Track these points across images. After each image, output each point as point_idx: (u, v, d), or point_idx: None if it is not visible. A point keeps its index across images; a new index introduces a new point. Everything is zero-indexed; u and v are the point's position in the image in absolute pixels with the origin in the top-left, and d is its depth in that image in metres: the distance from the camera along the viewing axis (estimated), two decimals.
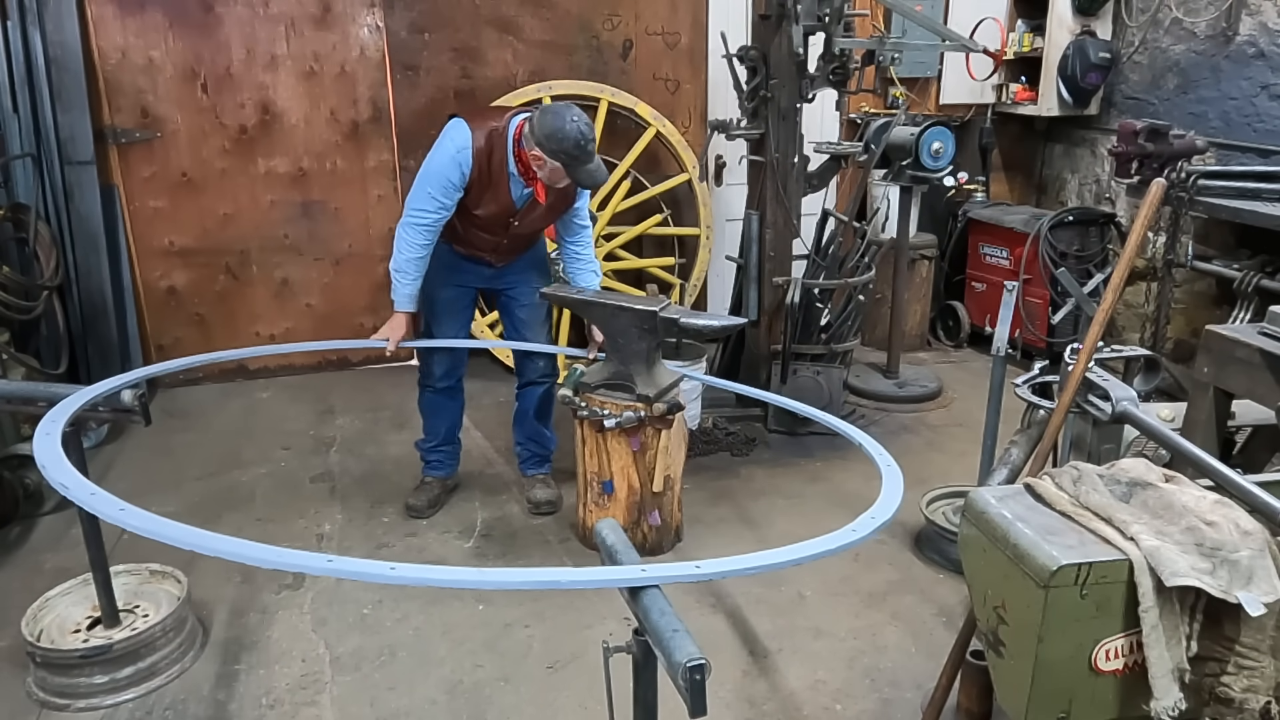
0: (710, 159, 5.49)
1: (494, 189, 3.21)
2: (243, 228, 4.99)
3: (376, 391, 4.97)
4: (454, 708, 2.63)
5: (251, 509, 3.75)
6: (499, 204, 3.25)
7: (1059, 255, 5.14)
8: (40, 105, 4.28)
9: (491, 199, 3.23)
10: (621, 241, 5.23)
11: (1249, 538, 1.71)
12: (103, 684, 2.63)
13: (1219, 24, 4.78)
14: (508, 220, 3.32)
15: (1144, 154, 4.53)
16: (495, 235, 3.38)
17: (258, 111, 4.87)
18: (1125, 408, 2.27)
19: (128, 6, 4.56)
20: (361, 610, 3.08)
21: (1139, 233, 2.31)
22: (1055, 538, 1.75)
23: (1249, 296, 4.21)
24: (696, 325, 3.27)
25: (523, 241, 3.49)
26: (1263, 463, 2.61)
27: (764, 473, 4.07)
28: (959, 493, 3.47)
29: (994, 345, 2.98)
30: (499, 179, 3.19)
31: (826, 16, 4.05)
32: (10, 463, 3.62)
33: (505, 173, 3.19)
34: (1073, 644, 1.72)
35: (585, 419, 3.29)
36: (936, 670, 2.51)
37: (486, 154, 3.16)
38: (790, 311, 4.24)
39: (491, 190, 3.21)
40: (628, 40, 5.32)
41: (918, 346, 5.72)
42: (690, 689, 1.33)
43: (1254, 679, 1.74)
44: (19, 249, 4.19)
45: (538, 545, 3.48)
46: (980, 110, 5.93)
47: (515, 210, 3.29)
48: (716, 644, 2.87)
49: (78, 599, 2.85)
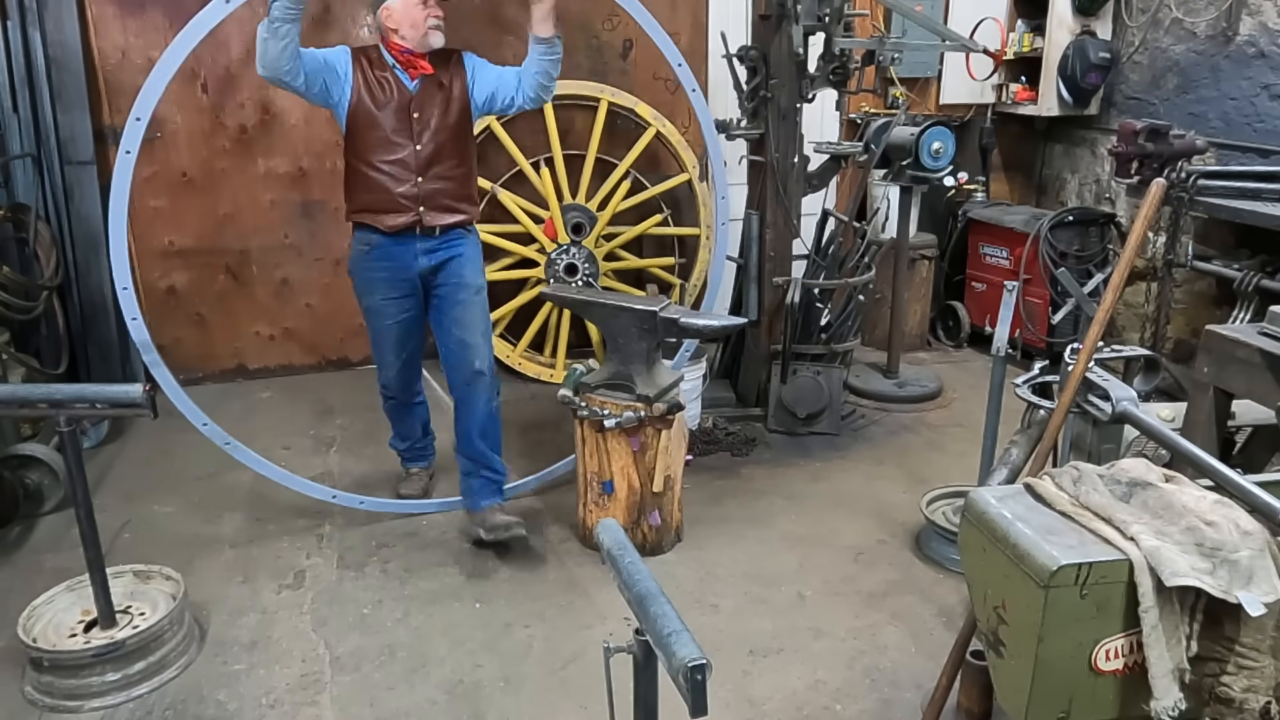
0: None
1: (384, 85, 3.18)
2: (243, 228, 4.99)
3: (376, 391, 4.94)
4: (454, 708, 2.63)
5: (251, 509, 3.75)
6: (392, 95, 3.18)
7: (1059, 255, 5.14)
8: (40, 105, 4.28)
9: (383, 93, 3.17)
10: (621, 241, 5.23)
11: (1249, 538, 1.71)
12: (115, 681, 2.64)
13: (1219, 24, 4.78)
14: (409, 119, 3.18)
15: (1144, 154, 4.53)
16: (404, 155, 3.19)
17: (258, 111, 4.87)
18: (1125, 408, 2.27)
19: (128, 6, 4.56)
20: (361, 610, 3.08)
21: (1139, 233, 2.31)
22: (1055, 538, 1.75)
23: (1249, 296, 4.21)
24: (696, 325, 3.27)
25: (443, 170, 3.24)
26: (1263, 463, 2.61)
27: (764, 473, 4.07)
28: (959, 493, 3.47)
29: (994, 345, 2.98)
30: (384, 73, 3.19)
31: (826, 16, 4.05)
32: (10, 463, 3.61)
33: (387, 67, 3.20)
34: (1073, 644, 1.72)
35: (585, 419, 3.29)
36: (936, 670, 2.51)
37: (364, 54, 3.21)
38: (790, 311, 4.24)
39: (382, 87, 3.18)
40: (628, 40, 5.32)
41: (918, 346, 5.72)
42: (691, 689, 1.33)
43: (1254, 679, 1.74)
44: (19, 249, 4.19)
45: (537, 545, 3.47)
46: (980, 110, 5.93)
47: (411, 96, 3.18)
48: (716, 644, 2.86)
49: (65, 604, 2.85)
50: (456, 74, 3.27)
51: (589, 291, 3.42)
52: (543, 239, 5.02)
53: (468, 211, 3.36)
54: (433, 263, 3.32)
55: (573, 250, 4.99)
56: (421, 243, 3.28)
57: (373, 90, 3.17)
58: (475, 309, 3.36)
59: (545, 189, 5.00)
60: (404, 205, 3.22)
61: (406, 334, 3.45)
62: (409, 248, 3.28)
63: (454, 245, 3.34)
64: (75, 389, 2.55)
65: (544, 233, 5.02)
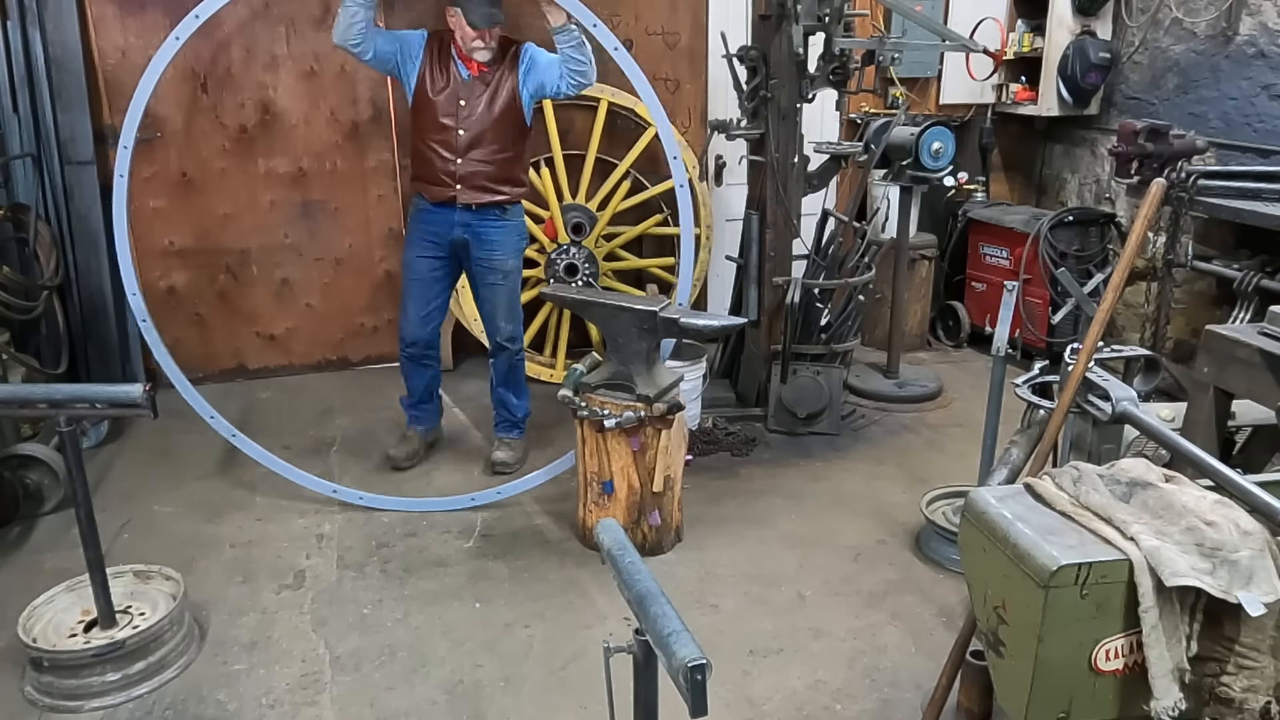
0: (710, 159, 5.49)
1: (444, 72, 3.64)
2: (243, 228, 4.99)
3: (376, 391, 4.96)
4: (454, 708, 2.63)
5: (251, 509, 3.75)
6: (448, 83, 3.63)
7: (1059, 255, 5.14)
8: (40, 105, 4.28)
9: (442, 79, 3.64)
10: (621, 241, 5.23)
11: (1249, 538, 1.71)
12: (115, 681, 2.64)
13: (1219, 24, 4.78)
14: (457, 104, 3.62)
15: (1144, 154, 4.53)
16: (449, 136, 3.63)
17: (258, 111, 4.87)
18: (1125, 408, 2.27)
19: (128, 6, 4.56)
20: (361, 610, 3.08)
21: (1139, 233, 2.31)
22: (1055, 538, 1.75)
23: (1249, 296, 4.21)
24: (696, 325, 3.27)
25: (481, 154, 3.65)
26: (1263, 463, 2.61)
27: (764, 473, 4.07)
28: (959, 493, 3.47)
29: (994, 345, 2.98)
30: (446, 63, 3.65)
31: (826, 16, 4.05)
32: (10, 463, 3.61)
33: (450, 57, 3.65)
34: (1073, 644, 1.72)
35: (585, 419, 3.29)
36: (936, 670, 2.51)
37: (438, 38, 3.69)
38: (790, 311, 4.24)
39: (443, 73, 3.64)
40: (628, 40, 5.30)
41: (918, 346, 5.72)
42: (691, 689, 1.33)
43: (1254, 679, 1.74)
44: (19, 249, 4.19)
45: (537, 545, 3.48)
46: (980, 110, 5.93)
47: (463, 84, 3.63)
48: (716, 644, 2.86)
49: (65, 604, 2.85)
50: (510, 69, 3.67)
51: (589, 291, 3.43)
52: (543, 239, 5.02)
53: (506, 193, 3.75)
54: (467, 235, 3.76)
55: (573, 250, 4.99)
56: (459, 214, 3.73)
57: (434, 75, 3.65)
58: (501, 292, 3.85)
59: (545, 189, 5.00)
60: (445, 180, 3.68)
61: (431, 293, 3.88)
62: (448, 217, 3.74)
63: (490, 224, 3.76)
64: (75, 389, 2.55)
65: (544, 233, 5.02)
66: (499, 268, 3.80)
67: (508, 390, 4.03)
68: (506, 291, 3.86)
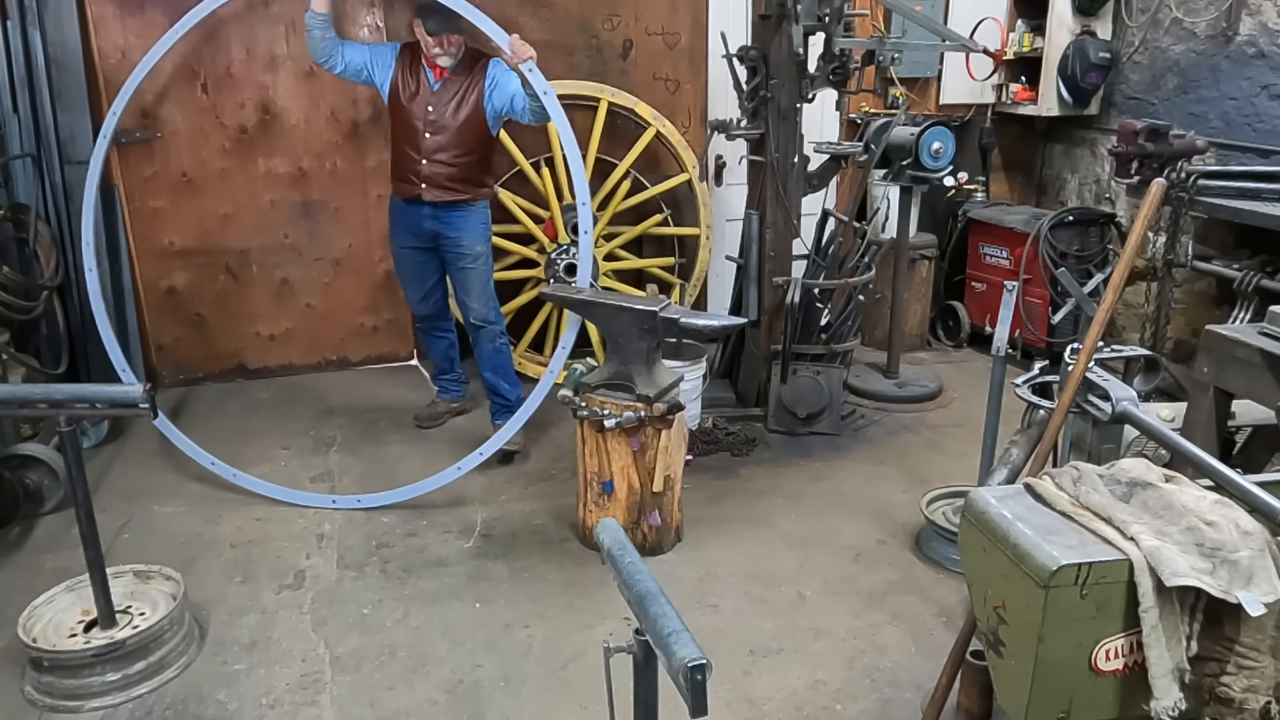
0: (710, 159, 5.48)
1: (415, 79, 3.92)
2: (243, 228, 4.98)
3: (376, 391, 4.97)
4: (454, 708, 2.63)
5: (251, 509, 3.75)
6: (418, 90, 3.91)
7: (1059, 255, 5.14)
8: (40, 105, 4.28)
9: (413, 85, 3.92)
10: (621, 241, 5.23)
11: (1249, 538, 1.71)
12: (115, 681, 2.64)
13: (1219, 24, 4.78)
14: (425, 111, 3.89)
15: (1144, 154, 4.53)
16: (416, 140, 3.90)
17: (258, 111, 4.87)
18: (1125, 408, 2.27)
19: (128, 6, 4.56)
20: (361, 610, 3.08)
21: (1139, 233, 2.31)
22: (1055, 538, 1.75)
23: (1249, 296, 4.21)
24: (696, 325, 3.27)
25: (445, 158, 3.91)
26: (1263, 463, 2.61)
27: (764, 473, 4.07)
28: (959, 493, 3.47)
29: (994, 345, 2.98)
30: (417, 71, 3.92)
31: (826, 16, 4.05)
32: (10, 463, 3.61)
33: (421, 66, 3.92)
34: (1073, 644, 1.72)
35: (585, 419, 3.29)
36: (936, 670, 2.51)
37: (410, 48, 3.96)
38: (790, 311, 4.24)
39: (413, 80, 3.92)
40: (628, 40, 5.31)
41: (918, 346, 5.72)
42: (691, 689, 1.33)
43: (1254, 679, 1.74)
44: (19, 249, 4.19)
45: (537, 545, 3.48)
46: (980, 110, 5.93)
47: (431, 91, 3.90)
48: (716, 644, 2.86)
49: (65, 604, 2.85)
50: (476, 80, 3.90)
51: (589, 291, 3.43)
52: (543, 239, 5.02)
53: (469, 194, 4.00)
54: (436, 226, 4.04)
55: (573, 250, 4.98)
56: (427, 209, 4.00)
57: (405, 82, 3.93)
58: (472, 275, 4.09)
59: (545, 189, 5.00)
60: (412, 180, 3.96)
61: (420, 277, 4.22)
62: (418, 211, 4.02)
63: (456, 215, 4.01)
64: (75, 389, 2.55)
65: (544, 233, 5.02)
66: (467, 252, 4.05)
67: (498, 376, 4.20)
68: (478, 274, 4.09)
